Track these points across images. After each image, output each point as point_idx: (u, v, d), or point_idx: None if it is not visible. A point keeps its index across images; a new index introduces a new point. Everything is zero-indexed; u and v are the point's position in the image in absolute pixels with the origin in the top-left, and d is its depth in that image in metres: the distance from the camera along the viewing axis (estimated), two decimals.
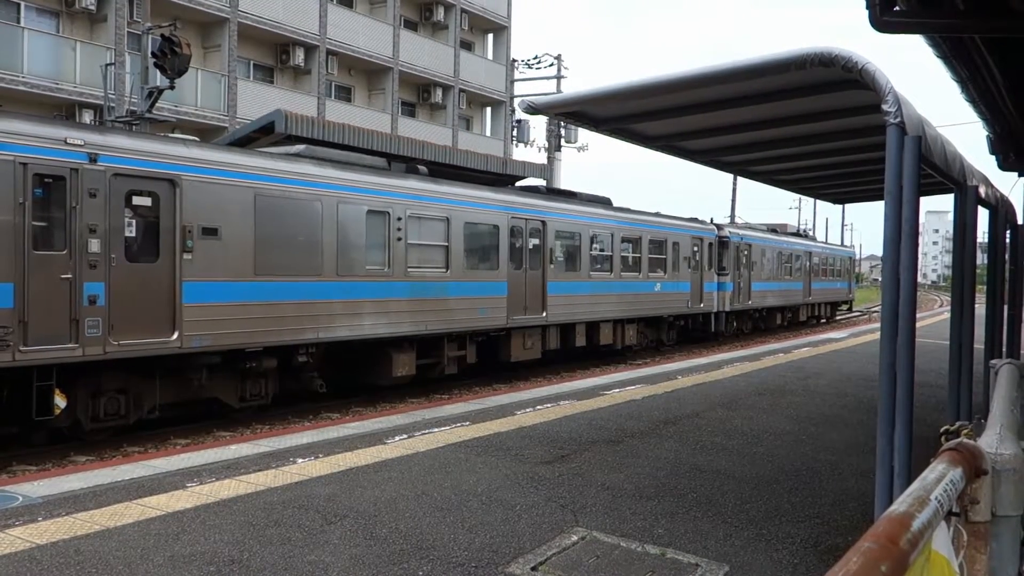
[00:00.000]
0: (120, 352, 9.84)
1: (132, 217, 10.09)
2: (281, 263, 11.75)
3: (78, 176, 9.49)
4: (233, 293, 11.13)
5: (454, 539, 5.28)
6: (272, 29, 28.79)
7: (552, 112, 7.37)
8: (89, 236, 9.53)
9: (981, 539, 2.18)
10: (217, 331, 10.89)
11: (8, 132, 9.02)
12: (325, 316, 12.40)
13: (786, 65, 4.64)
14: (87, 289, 9.49)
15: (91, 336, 9.51)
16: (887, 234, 4.25)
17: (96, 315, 9.55)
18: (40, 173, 9.22)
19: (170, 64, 14.74)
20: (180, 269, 10.45)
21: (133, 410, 10.55)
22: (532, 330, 17.04)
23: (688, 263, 23.39)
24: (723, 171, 10.53)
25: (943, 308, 45.60)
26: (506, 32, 40.32)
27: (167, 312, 10.32)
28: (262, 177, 11.52)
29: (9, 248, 8.90)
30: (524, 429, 8.96)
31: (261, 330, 11.49)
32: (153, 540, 5.12)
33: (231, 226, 11.08)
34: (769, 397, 11.77)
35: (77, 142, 9.53)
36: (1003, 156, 11.67)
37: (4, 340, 8.82)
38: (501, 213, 16.13)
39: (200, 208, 10.69)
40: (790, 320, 32.96)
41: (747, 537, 5.52)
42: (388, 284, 13.48)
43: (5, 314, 8.86)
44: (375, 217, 13.29)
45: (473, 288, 15.33)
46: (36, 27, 22.97)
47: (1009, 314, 9.25)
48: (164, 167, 10.35)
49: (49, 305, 9.20)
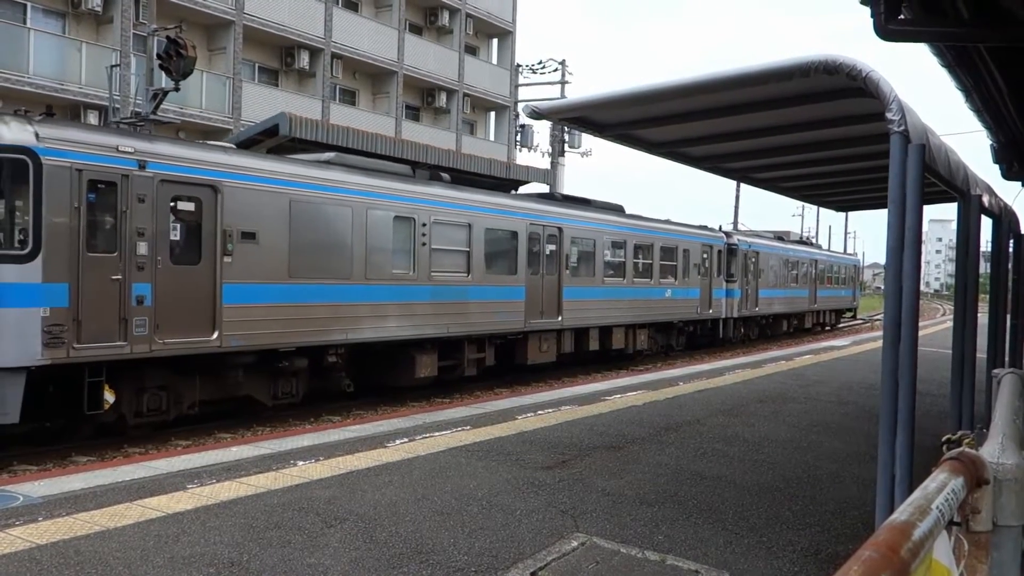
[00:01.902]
0: (165, 350, 10.28)
1: (176, 221, 10.51)
2: (313, 266, 12.18)
3: (128, 182, 9.93)
4: (269, 295, 11.58)
5: (454, 543, 5.27)
6: (277, 32, 28.86)
7: (556, 117, 7.38)
8: (137, 239, 9.97)
9: (982, 549, 2.17)
10: (254, 331, 11.32)
11: (65, 140, 9.45)
12: (353, 318, 12.82)
13: (790, 72, 4.64)
14: (135, 290, 9.94)
15: (138, 335, 9.94)
16: (890, 242, 4.25)
17: (143, 315, 10.00)
18: (94, 179, 9.65)
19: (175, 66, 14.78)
20: (220, 271, 10.88)
21: (173, 406, 10.91)
22: (548, 334, 17.43)
23: (698, 270, 23.77)
24: (726, 178, 10.54)
25: (946, 317, 45.55)
26: (511, 37, 40.39)
27: (208, 312, 10.75)
28: (297, 184, 11.98)
29: (65, 250, 9.34)
30: (525, 434, 8.95)
31: (294, 331, 11.94)
32: (153, 541, 5.12)
33: (268, 231, 11.53)
34: (771, 404, 11.76)
35: (128, 150, 9.98)
36: (1007, 165, 11.66)
37: (59, 337, 9.22)
38: (520, 220, 16.55)
39: (239, 213, 11.14)
40: (796, 327, 33.36)
41: (747, 544, 5.51)
42: (413, 288, 13.90)
43: (61, 313, 9.27)
44: (401, 223, 13.71)
45: (493, 292, 15.73)
46: (42, 28, 23.04)
47: (1012, 324, 9.24)
48: (207, 173, 10.80)
49: (100, 305, 9.61)
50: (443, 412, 10.59)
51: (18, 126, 9.27)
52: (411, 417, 10.12)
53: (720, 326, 25.55)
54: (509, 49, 40.45)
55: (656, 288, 21.65)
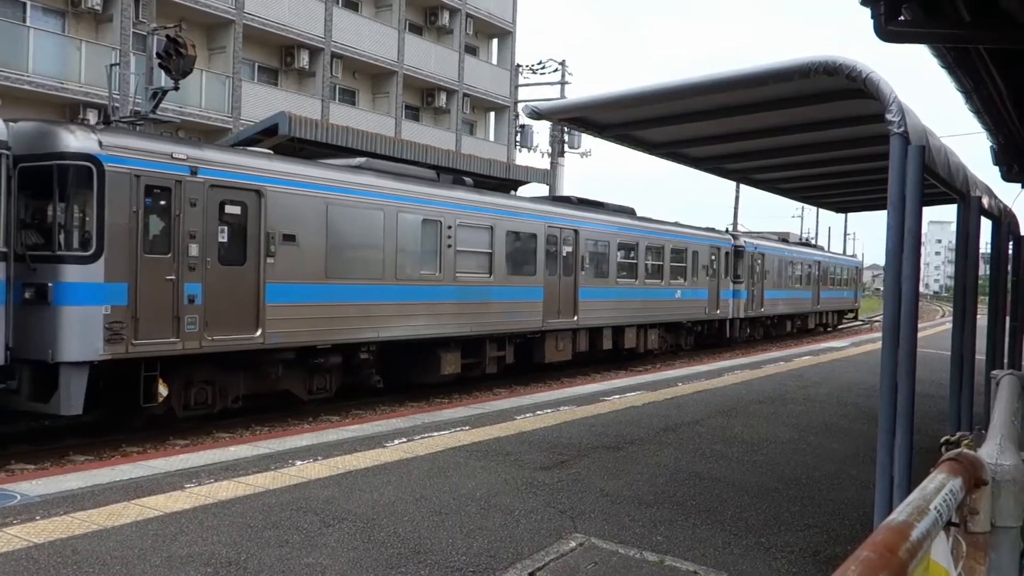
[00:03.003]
0: (213, 347, 10.80)
1: (223, 224, 11.03)
2: (348, 267, 12.77)
3: (181, 187, 10.46)
4: (308, 294, 12.11)
5: (452, 544, 5.27)
6: (277, 31, 28.85)
7: (556, 118, 7.38)
8: (189, 241, 10.52)
9: (980, 550, 2.17)
10: (294, 329, 11.87)
11: (125, 147, 10.00)
12: (384, 317, 13.39)
13: (790, 73, 4.65)
14: (187, 289, 10.48)
15: (189, 332, 10.46)
16: (889, 244, 4.24)
17: (194, 313, 10.52)
18: (150, 184, 10.18)
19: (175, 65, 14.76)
20: (264, 272, 11.43)
21: (218, 400, 11.40)
22: (564, 333, 17.93)
23: (706, 271, 24.32)
24: (726, 179, 10.54)
25: (945, 319, 45.56)
26: (511, 37, 40.39)
27: (252, 311, 11.29)
28: (333, 188, 12.53)
29: (124, 251, 9.87)
30: (524, 434, 8.95)
31: (330, 329, 12.50)
32: (151, 540, 5.12)
33: (307, 233, 12.06)
34: (769, 405, 11.76)
35: (181, 156, 10.53)
36: (1007, 167, 11.66)
37: (119, 334, 9.74)
38: (539, 222, 17.12)
39: (281, 216, 11.68)
40: (799, 328, 33.87)
41: (746, 545, 5.51)
42: (439, 288, 14.46)
43: (120, 311, 9.79)
44: (429, 225, 14.28)
45: (513, 293, 16.28)
46: (42, 27, 23.03)
47: (1011, 325, 9.24)
48: (252, 179, 11.34)
49: (156, 303, 10.16)
50: (442, 412, 10.58)
51: (83, 134, 9.81)
52: (410, 417, 10.12)
53: (727, 326, 26.07)
54: (509, 49, 40.45)
55: (666, 289, 22.19)
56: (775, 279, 29.72)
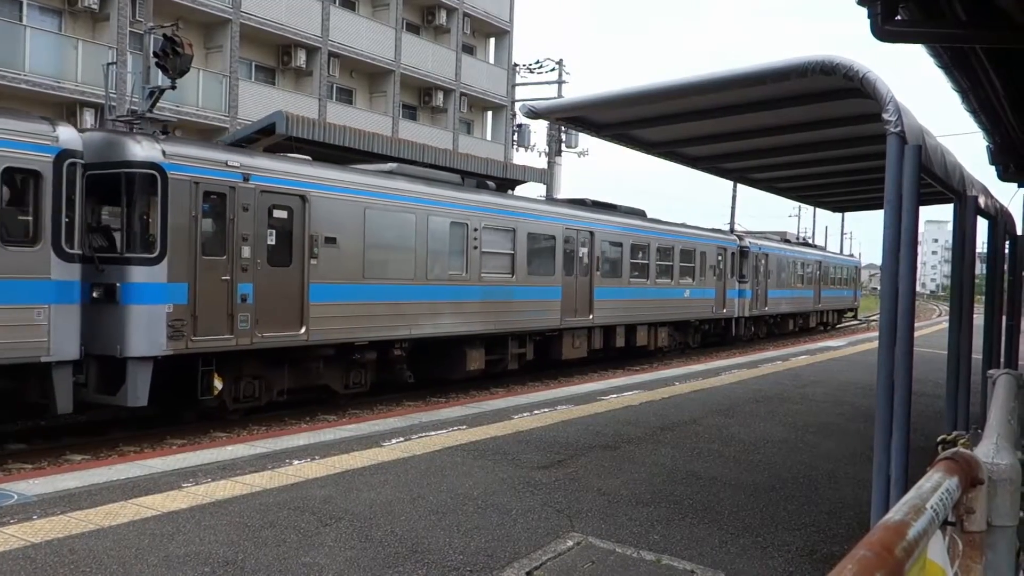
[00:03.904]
0: (263, 343, 11.51)
1: (271, 227, 11.72)
2: (383, 268, 13.51)
3: (235, 193, 11.16)
4: (348, 294, 12.82)
5: (449, 543, 5.27)
6: (274, 30, 28.81)
7: (553, 117, 7.38)
8: (242, 243, 11.20)
9: (976, 549, 2.18)
10: (334, 327, 12.56)
11: (185, 156, 10.70)
12: (415, 315, 14.15)
13: (787, 73, 4.65)
14: (240, 289, 11.17)
15: (242, 329, 11.17)
16: (886, 243, 4.25)
17: (246, 311, 11.23)
18: (208, 190, 10.88)
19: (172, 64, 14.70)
20: (307, 272, 12.10)
21: (264, 393, 12.04)
22: (580, 331, 18.65)
23: (713, 271, 25.05)
24: (723, 178, 10.56)
25: (941, 318, 45.66)
26: (508, 36, 40.36)
27: (297, 309, 11.98)
28: (370, 193, 13.28)
29: (185, 253, 10.56)
30: (521, 433, 8.95)
31: (367, 326, 13.22)
32: (148, 540, 5.11)
33: (346, 236, 12.78)
34: (766, 404, 11.77)
35: (235, 164, 11.22)
36: (1003, 167, 11.68)
37: (180, 331, 10.45)
38: (557, 224, 17.84)
39: (323, 220, 12.37)
40: (801, 326, 34.65)
41: (743, 544, 5.52)
42: (465, 288, 15.21)
43: (181, 309, 10.49)
44: (456, 228, 15.02)
45: (533, 292, 17.01)
46: (38, 25, 22.97)
47: (1007, 324, 9.25)
48: (297, 184, 12.04)
49: (213, 302, 10.84)
50: (439, 412, 10.58)
51: (148, 144, 10.47)
52: (407, 417, 10.12)
53: (733, 325, 26.78)
54: (506, 49, 40.42)
55: (676, 288, 22.93)
56: (778, 279, 30.47)
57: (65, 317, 9.55)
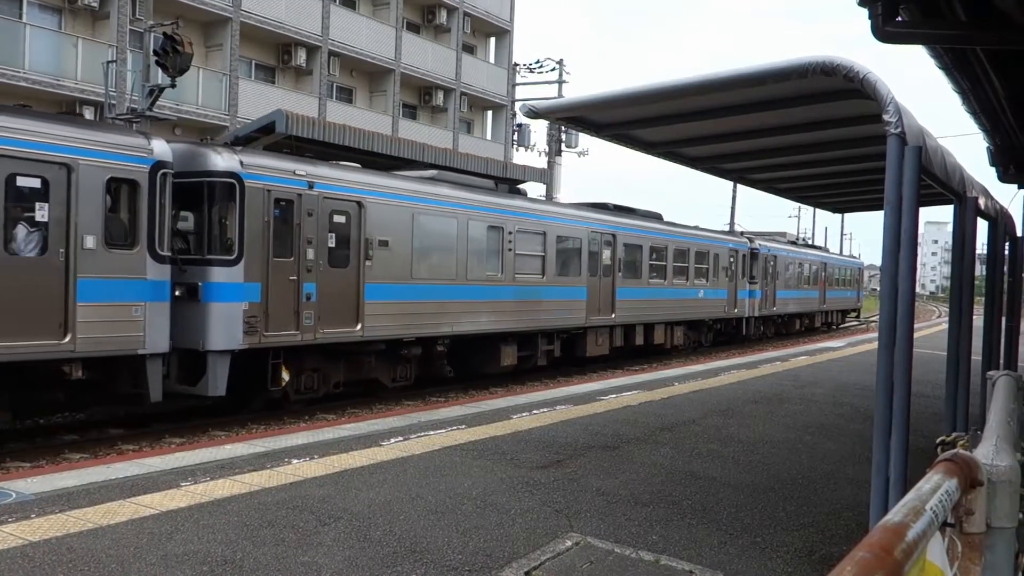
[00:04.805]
0: (324, 338, 12.42)
1: (332, 231, 12.63)
2: (429, 269, 14.46)
3: (301, 200, 12.09)
4: (398, 293, 13.78)
5: (448, 542, 5.27)
6: (274, 29, 28.80)
7: (553, 117, 7.38)
8: (307, 246, 12.11)
9: (976, 550, 2.17)
10: (386, 323, 13.51)
11: (259, 166, 11.62)
12: (456, 313, 15.09)
13: (787, 73, 4.64)
14: (305, 288, 12.07)
15: (307, 325, 12.08)
16: (886, 244, 4.24)
17: (310, 309, 12.14)
18: (278, 197, 11.81)
19: (172, 62, 14.72)
20: (363, 273, 13.06)
21: (322, 385, 12.92)
22: (603, 330, 19.61)
23: (725, 272, 26.03)
24: (723, 178, 10.55)
25: (941, 319, 45.72)
26: (508, 36, 40.35)
27: (353, 307, 12.91)
28: (418, 199, 14.24)
29: (258, 255, 11.47)
30: (520, 433, 8.95)
31: (415, 323, 14.21)
32: (146, 539, 5.11)
33: (397, 239, 13.74)
34: (765, 405, 11.77)
35: (301, 173, 12.16)
36: (1003, 168, 11.68)
37: (254, 327, 11.36)
38: (583, 228, 18.81)
39: (377, 224, 13.33)
40: (807, 326, 35.58)
41: (742, 545, 5.52)
42: (500, 288, 16.20)
43: (256, 307, 11.41)
44: (493, 231, 16.04)
45: (561, 292, 17.96)
46: (38, 23, 22.95)
47: (1007, 326, 9.25)
48: (355, 191, 12.99)
49: (282, 300, 11.77)
50: (438, 411, 10.58)
51: (228, 156, 11.42)
52: (406, 416, 10.11)
53: (743, 324, 27.67)
54: (507, 48, 40.42)
55: (691, 289, 23.89)
56: (786, 280, 31.43)
57: (158, 313, 10.43)
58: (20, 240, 9.35)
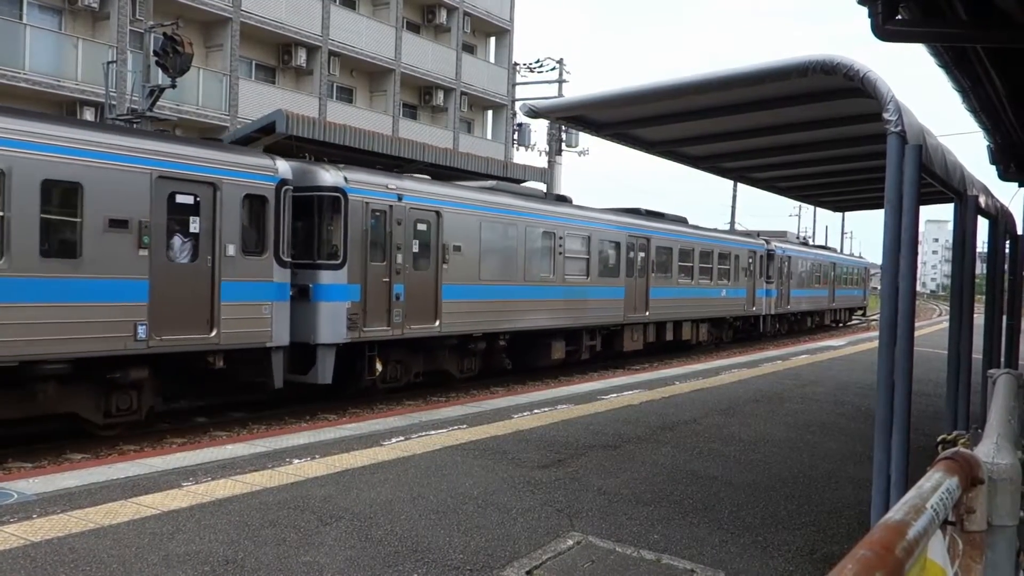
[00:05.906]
0: (410, 333, 13.93)
1: (416, 238, 14.07)
2: (493, 271, 15.91)
3: (392, 210, 13.56)
4: (468, 293, 15.19)
5: (449, 542, 5.27)
6: (274, 29, 28.80)
7: (553, 116, 7.37)
8: (396, 252, 13.57)
9: (977, 548, 2.17)
10: (459, 320, 14.93)
11: (359, 181, 13.04)
12: (516, 311, 16.58)
13: (787, 72, 4.64)
14: (395, 289, 13.55)
15: (396, 322, 13.59)
16: (887, 243, 4.24)
17: (399, 308, 13.64)
18: (374, 209, 13.27)
19: (172, 63, 14.75)
20: (440, 275, 14.52)
21: (404, 375, 14.41)
22: (637, 327, 21.14)
23: (745, 272, 27.55)
24: (723, 177, 10.54)
25: (942, 317, 45.75)
26: (508, 36, 40.35)
27: (433, 306, 14.39)
28: (484, 208, 15.76)
29: (358, 260, 12.93)
30: (521, 433, 8.95)
31: (482, 320, 15.62)
32: (148, 539, 5.11)
33: (467, 244, 15.19)
34: (767, 404, 11.77)
35: (392, 187, 13.65)
36: (1004, 167, 11.68)
37: (355, 323, 12.77)
38: (622, 232, 20.36)
39: (452, 231, 14.78)
40: (817, 323, 37.46)
41: (743, 544, 5.52)
42: (552, 288, 17.67)
43: (356, 305, 12.86)
44: (546, 236, 17.57)
45: (603, 292, 19.47)
46: (38, 24, 22.96)
47: (1008, 324, 9.25)
48: (435, 202, 14.50)
49: (377, 300, 13.24)
50: (439, 411, 10.58)
51: (334, 172, 12.82)
52: (407, 416, 10.11)
53: (761, 322, 29.20)
54: (507, 48, 40.41)
55: (715, 288, 25.45)
56: (799, 279, 32.94)
57: (281, 311, 11.89)
58: (176, 249, 10.79)
